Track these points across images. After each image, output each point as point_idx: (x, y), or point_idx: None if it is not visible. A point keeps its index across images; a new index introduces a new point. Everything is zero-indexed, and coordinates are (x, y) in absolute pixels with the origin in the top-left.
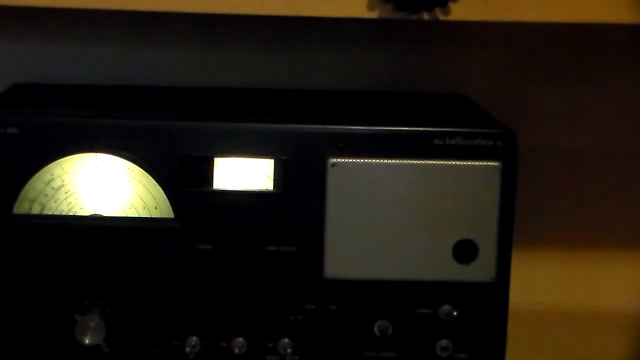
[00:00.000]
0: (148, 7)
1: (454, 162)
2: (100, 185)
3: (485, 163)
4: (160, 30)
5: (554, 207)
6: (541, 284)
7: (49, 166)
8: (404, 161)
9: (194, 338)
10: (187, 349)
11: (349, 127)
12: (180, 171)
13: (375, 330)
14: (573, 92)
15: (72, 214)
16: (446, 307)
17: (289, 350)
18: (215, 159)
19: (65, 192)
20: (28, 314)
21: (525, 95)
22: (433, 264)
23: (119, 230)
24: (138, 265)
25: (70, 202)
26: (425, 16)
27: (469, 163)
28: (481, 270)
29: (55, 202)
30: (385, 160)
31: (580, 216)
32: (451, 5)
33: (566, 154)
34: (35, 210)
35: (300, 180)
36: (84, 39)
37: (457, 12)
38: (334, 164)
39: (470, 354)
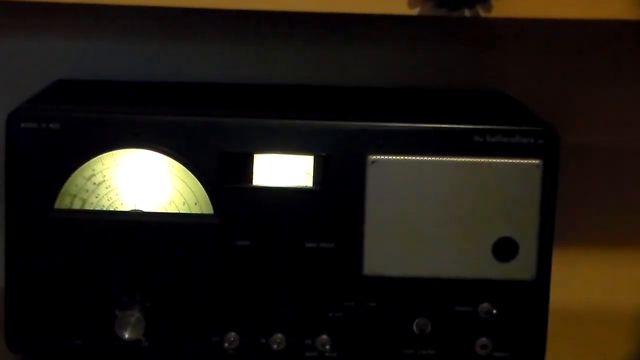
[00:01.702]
0: (191, 4)
1: (494, 160)
2: (141, 181)
3: (525, 161)
4: (201, 28)
5: (595, 206)
6: (582, 282)
7: (90, 162)
8: (444, 158)
9: (233, 334)
10: (226, 345)
11: (389, 124)
12: (220, 167)
13: (414, 327)
14: (616, 91)
15: (112, 210)
16: (485, 305)
17: (327, 347)
18: (255, 155)
19: (106, 188)
20: (68, 308)
21: (568, 92)
22: (473, 261)
23: (158, 225)
24: (177, 261)
25: (110, 198)
26: (467, 13)
27: (510, 161)
28: (521, 268)
29: (96, 197)
30: (425, 158)
31: (622, 215)
32: (492, 2)
33: (608, 152)
34: (77, 205)
35: (340, 177)
36: (126, 35)
37: (498, 9)
38: (373, 161)
39: (510, 352)
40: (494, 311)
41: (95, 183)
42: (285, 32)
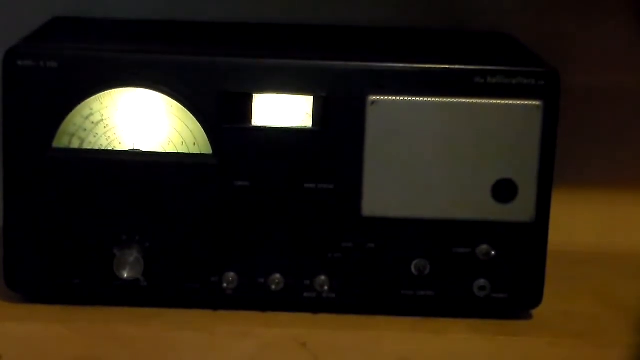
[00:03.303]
0: None
1: (495, 101)
2: (139, 121)
3: (526, 102)
4: None
5: (595, 147)
6: (581, 224)
7: (88, 100)
8: (444, 99)
9: (232, 274)
10: (225, 285)
11: (389, 65)
12: (219, 107)
13: (413, 269)
14: (617, 30)
15: (110, 149)
16: (484, 247)
17: (325, 288)
18: (254, 95)
19: (104, 127)
20: (67, 248)
21: (569, 31)
22: (472, 203)
23: (157, 165)
24: (176, 201)
25: (109, 137)
26: None
27: (510, 102)
28: (520, 210)
29: (95, 136)
30: (425, 99)
31: (621, 156)
32: None
33: (609, 93)
34: (75, 144)
35: (340, 118)
36: None
37: None
38: (373, 102)
39: (508, 293)
40: (493, 253)
41: (93, 122)
42: None
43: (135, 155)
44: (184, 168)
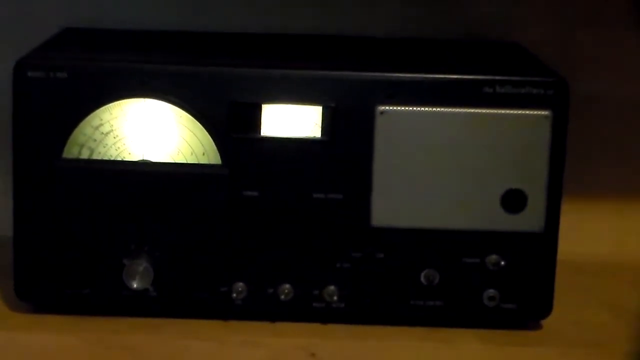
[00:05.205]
0: None
1: (503, 111)
2: (149, 131)
3: (535, 112)
4: None
5: (604, 157)
6: (590, 233)
7: (98, 111)
8: (453, 109)
9: (241, 284)
10: (234, 295)
11: (398, 75)
12: (228, 117)
13: (422, 279)
14: (627, 39)
15: (120, 159)
16: (494, 257)
17: (335, 298)
18: (263, 105)
19: (114, 137)
20: (76, 257)
21: (578, 42)
22: (481, 213)
23: (166, 175)
24: (185, 211)
25: (118, 147)
26: None
27: (519, 112)
28: (530, 220)
29: (104, 147)
30: (434, 109)
31: (631, 166)
32: None
33: (618, 102)
34: (84, 154)
35: (348, 128)
36: None
37: None
38: (382, 112)
39: (518, 304)
40: (502, 263)
41: (103, 132)
42: None
43: (144, 166)
44: (193, 178)
